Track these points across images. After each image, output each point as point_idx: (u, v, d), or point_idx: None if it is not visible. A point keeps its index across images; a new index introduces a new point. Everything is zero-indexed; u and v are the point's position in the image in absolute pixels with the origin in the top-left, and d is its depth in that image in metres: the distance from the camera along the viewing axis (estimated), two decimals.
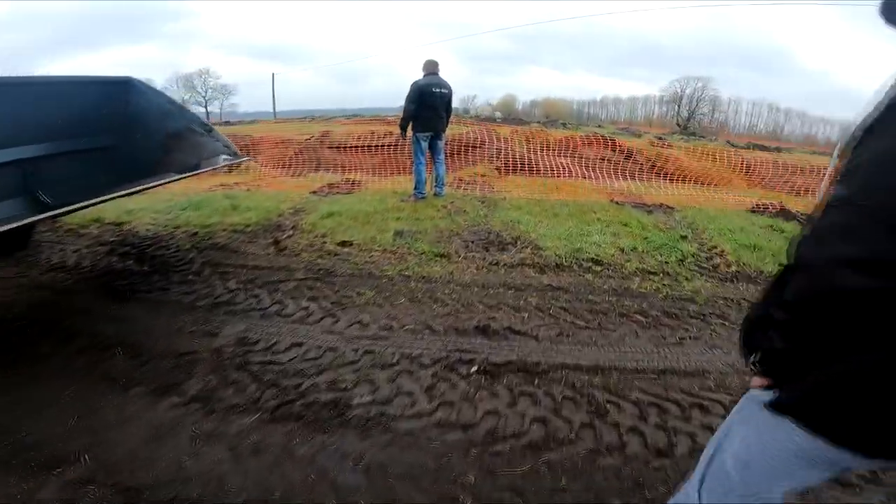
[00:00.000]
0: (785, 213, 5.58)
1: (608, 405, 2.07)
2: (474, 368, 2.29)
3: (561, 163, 8.00)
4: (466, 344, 2.50)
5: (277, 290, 3.07)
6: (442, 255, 3.63)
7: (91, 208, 3.10)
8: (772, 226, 4.95)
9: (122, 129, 3.64)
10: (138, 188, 3.00)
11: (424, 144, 5.23)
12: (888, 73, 0.71)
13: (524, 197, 5.70)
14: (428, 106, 5.06)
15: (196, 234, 4.14)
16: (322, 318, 2.75)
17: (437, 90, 5.05)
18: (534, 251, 3.78)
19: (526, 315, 2.79)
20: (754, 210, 5.72)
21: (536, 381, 2.22)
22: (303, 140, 9.69)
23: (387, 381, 2.23)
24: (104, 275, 3.35)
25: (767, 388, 0.89)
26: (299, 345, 2.50)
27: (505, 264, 3.54)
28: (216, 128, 3.91)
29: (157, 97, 3.73)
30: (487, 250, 3.81)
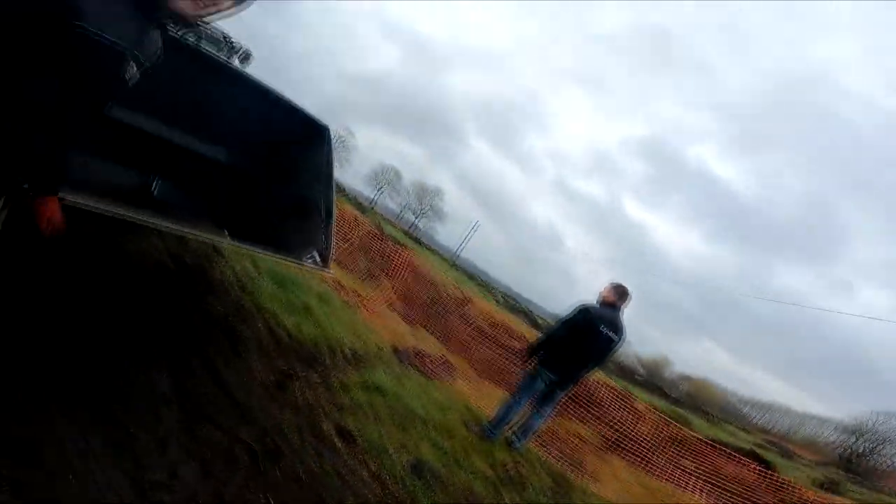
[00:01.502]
0: None
1: None
2: None
3: (681, 467, 6.02)
4: None
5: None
6: None
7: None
8: None
9: (277, 175, 3.37)
10: (229, 241, 2.71)
11: (540, 386, 3.72)
12: None
13: (609, 499, 4.10)
14: (579, 343, 3.60)
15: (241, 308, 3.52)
16: None
17: (605, 331, 3.57)
18: None
19: None
20: None
21: None
22: (444, 293, 9.16)
23: None
24: None
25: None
26: None
27: None
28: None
29: (328, 156, 3.20)
30: None
